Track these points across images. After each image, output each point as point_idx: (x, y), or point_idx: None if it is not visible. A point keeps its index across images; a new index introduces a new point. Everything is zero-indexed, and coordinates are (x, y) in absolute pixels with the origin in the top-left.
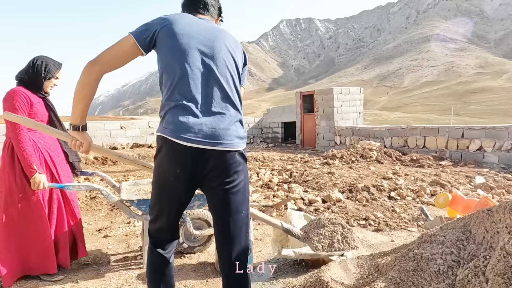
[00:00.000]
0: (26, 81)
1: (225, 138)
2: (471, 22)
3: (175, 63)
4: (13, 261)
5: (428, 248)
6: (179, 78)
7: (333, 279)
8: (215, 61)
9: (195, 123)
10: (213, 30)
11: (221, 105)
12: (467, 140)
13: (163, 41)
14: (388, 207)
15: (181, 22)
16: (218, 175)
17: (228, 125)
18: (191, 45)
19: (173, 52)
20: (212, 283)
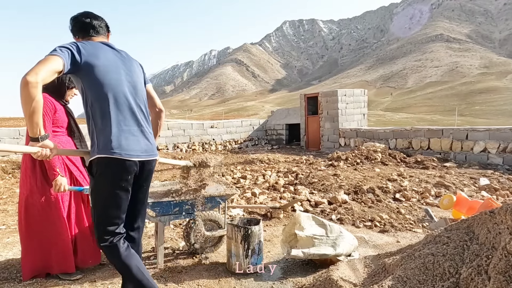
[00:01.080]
0: (50, 89)
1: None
2: (476, 22)
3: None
4: (35, 258)
5: (433, 248)
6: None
7: (342, 278)
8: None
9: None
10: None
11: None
12: (471, 142)
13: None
14: (393, 209)
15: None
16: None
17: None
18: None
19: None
20: (224, 283)
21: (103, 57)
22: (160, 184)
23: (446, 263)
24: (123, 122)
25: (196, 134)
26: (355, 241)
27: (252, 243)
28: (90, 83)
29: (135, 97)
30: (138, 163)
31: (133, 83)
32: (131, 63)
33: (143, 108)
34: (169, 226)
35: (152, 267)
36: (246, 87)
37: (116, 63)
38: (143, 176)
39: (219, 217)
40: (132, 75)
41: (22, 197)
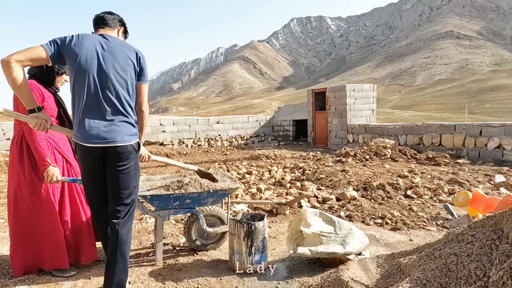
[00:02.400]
0: (38, 75)
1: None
2: (487, 18)
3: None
4: (26, 253)
5: (456, 247)
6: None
7: (353, 279)
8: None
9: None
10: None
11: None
12: (485, 138)
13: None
14: (405, 206)
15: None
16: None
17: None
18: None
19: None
20: (225, 281)
21: (85, 48)
22: (160, 177)
23: (472, 264)
24: (89, 110)
25: (202, 129)
26: (365, 239)
27: (256, 240)
28: (70, 71)
29: (107, 87)
30: (99, 149)
31: (108, 73)
32: (119, 55)
33: (113, 99)
34: (170, 221)
35: (150, 264)
36: (253, 85)
37: (94, 53)
38: (109, 163)
39: (222, 212)
40: (111, 66)
41: (11, 189)
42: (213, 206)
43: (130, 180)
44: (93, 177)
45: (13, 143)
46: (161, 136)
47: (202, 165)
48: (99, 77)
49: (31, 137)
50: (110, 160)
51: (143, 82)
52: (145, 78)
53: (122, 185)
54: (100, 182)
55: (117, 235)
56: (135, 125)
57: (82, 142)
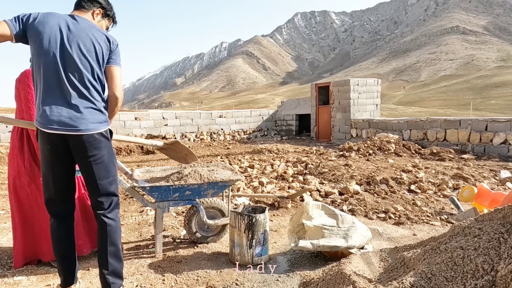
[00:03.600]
0: None
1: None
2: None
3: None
4: (26, 243)
5: (463, 241)
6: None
7: (355, 273)
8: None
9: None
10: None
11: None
12: (491, 133)
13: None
14: (408, 200)
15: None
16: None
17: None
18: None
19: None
20: (225, 274)
21: (49, 26)
22: (160, 169)
23: (479, 258)
24: (50, 93)
25: (204, 123)
26: (368, 232)
27: (257, 232)
28: (32, 50)
29: (71, 69)
30: (59, 137)
31: (72, 55)
32: (85, 37)
33: (77, 83)
34: (170, 214)
35: (150, 256)
36: (256, 80)
37: (58, 33)
38: (77, 153)
39: (223, 204)
40: (76, 47)
41: (10, 178)
42: (214, 198)
43: (105, 169)
44: (50, 167)
45: (14, 132)
46: (163, 130)
47: (204, 159)
48: (62, 59)
49: (33, 131)
50: (77, 151)
51: (113, 64)
52: (115, 61)
53: (99, 175)
54: (58, 173)
55: (105, 225)
56: (103, 112)
57: (41, 128)
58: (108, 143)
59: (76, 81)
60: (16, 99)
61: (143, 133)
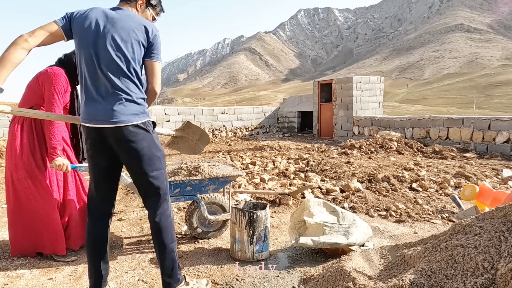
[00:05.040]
0: (67, 66)
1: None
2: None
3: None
4: (23, 234)
5: (463, 239)
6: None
7: (356, 270)
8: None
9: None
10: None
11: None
12: (494, 132)
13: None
14: (410, 198)
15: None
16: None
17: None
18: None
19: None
20: (226, 269)
21: (88, 20)
22: None
23: (479, 256)
24: (88, 87)
25: (206, 120)
26: (369, 230)
27: (258, 229)
28: (75, 45)
29: (106, 62)
30: (96, 130)
31: (107, 47)
32: (122, 28)
33: (112, 76)
34: (172, 209)
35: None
36: (259, 76)
37: (95, 27)
38: (114, 144)
39: (224, 200)
40: (111, 39)
41: (8, 171)
42: (215, 194)
43: (146, 163)
44: (92, 161)
45: (14, 124)
46: (165, 125)
47: (206, 155)
48: (98, 51)
49: (49, 127)
50: (115, 145)
51: (153, 59)
52: (155, 55)
53: (139, 169)
54: (99, 169)
55: (152, 223)
56: (140, 103)
57: (82, 122)
58: (147, 135)
59: (111, 73)
60: (31, 89)
61: None
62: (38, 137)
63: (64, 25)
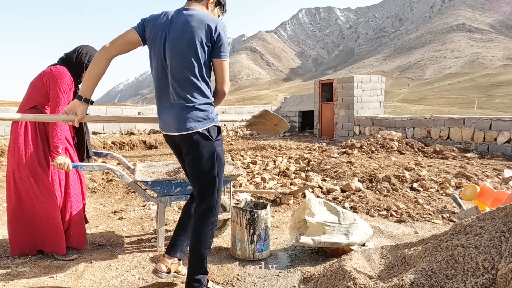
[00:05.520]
0: (69, 65)
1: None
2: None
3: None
4: (24, 233)
5: (464, 239)
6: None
7: (356, 269)
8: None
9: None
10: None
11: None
12: (495, 132)
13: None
14: (410, 198)
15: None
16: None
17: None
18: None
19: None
20: (227, 269)
21: (158, 27)
22: (162, 163)
23: (480, 256)
24: (159, 95)
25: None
26: (370, 230)
27: (258, 228)
28: (148, 52)
29: (172, 69)
30: (170, 136)
31: (172, 54)
32: (185, 31)
33: (177, 83)
34: (173, 208)
35: (152, 250)
36: (260, 76)
37: (163, 33)
38: (183, 149)
39: (225, 199)
40: (175, 44)
41: (10, 170)
42: None
43: (201, 170)
44: (180, 161)
45: (17, 122)
46: None
47: None
48: (164, 60)
49: (53, 125)
50: (182, 148)
51: (222, 57)
52: (222, 53)
53: (194, 175)
54: (184, 167)
55: (193, 224)
56: (204, 109)
57: (160, 129)
58: (208, 143)
59: (176, 82)
60: (35, 87)
61: (146, 128)
62: (41, 135)
63: (140, 32)
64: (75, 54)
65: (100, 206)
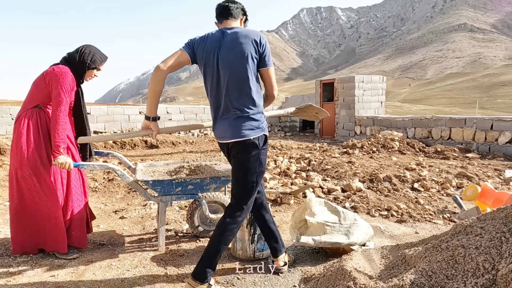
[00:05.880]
0: (72, 65)
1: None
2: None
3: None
4: (25, 232)
5: (464, 239)
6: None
7: (356, 269)
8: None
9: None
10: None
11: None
12: (497, 132)
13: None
14: (411, 198)
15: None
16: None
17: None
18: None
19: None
20: (227, 268)
21: (208, 49)
22: (163, 163)
23: (480, 257)
24: (215, 107)
25: (208, 118)
26: (370, 230)
27: (259, 228)
28: (200, 70)
29: (226, 84)
30: (224, 144)
31: (226, 70)
32: (236, 48)
33: (233, 95)
34: (173, 208)
35: (153, 249)
36: None
37: (215, 54)
38: (233, 152)
39: (225, 199)
40: (229, 61)
41: (12, 168)
42: (216, 193)
43: (243, 174)
44: (231, 164)
45: (19, 122)
46: (167, 124)
47: (208, 154)
48: (219, 76)
49: (56, 125)
50: (232, 151)
51: (267, 66)
52: (268, 62)
53: (235, 176)
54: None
55: (222, 219)
56: (256, 119)
57: (216, 139)
58: (256, 150)
59: (233, 94)
60: (37, 87)
61: None
62: (43, 135)
63: (190, 53)
64: (78, 54)
65: (101, 205)
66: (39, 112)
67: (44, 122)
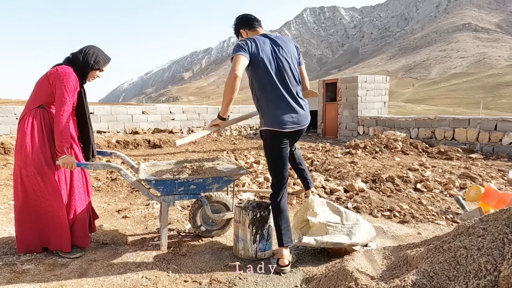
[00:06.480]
0: (75, 66)
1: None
2: (507, 10)
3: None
4: (30, 230)
5: (466, 240)
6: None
7: (358, 270)
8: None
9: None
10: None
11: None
12: (500, 133)
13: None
14: (414, 199)
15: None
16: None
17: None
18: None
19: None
20: (229, 268)
21: (262, 51)
22: (166, 163)
23: (482, 258)
24: (286, 100)
25: (211, 118)
26: (372, 230)
27: (261, 228)
28: (256, 73)
29: (285, 80)
30: (297, 131)
31: (286, 69)
32: (285, 48)
33: (291, 88)
34: (176, 207)
35: (155, 248)
36: None
37: (270, 54)
38: (297, 137)
39: (227, 199)
40: (284, 60)
41: (17, 168)
42: (219, 193)
43: (268, 160)
44: (285, 153)
45: (23, 121)
46: (170, 124)
47: (211, 154)
48: (284, 72)
49: (59, 124)
50: (296, 137)
51: (302, 64)
52: (302, 61)
53: (299, 155)
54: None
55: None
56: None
57: (283, 129)
58: (265, 140)
59: (297, 86)
60: (41, 87)
61: (150, 127)
62: (47, 134)
63: (248, 56)
64: (82, 55)
65: (104, 204)
66: (43, 112)
67: (48, 122)
